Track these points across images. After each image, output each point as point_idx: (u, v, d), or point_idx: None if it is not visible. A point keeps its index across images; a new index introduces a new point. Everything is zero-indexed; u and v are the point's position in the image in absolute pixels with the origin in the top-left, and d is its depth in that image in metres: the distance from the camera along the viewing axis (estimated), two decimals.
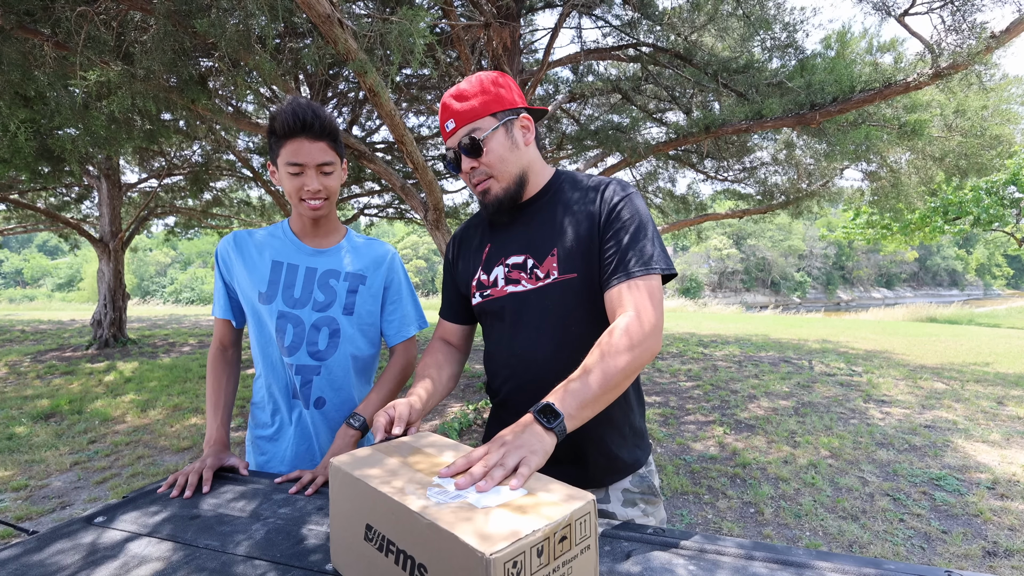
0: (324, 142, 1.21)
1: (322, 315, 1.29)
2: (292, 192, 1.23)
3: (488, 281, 1.13)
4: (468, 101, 1.04)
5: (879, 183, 6.27)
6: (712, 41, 5.22)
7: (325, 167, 1.22)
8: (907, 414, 4.52)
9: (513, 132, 1.06)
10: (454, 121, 1.04)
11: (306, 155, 1.18)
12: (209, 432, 1.26)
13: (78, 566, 0.77)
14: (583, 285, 1.03)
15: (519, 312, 1.08)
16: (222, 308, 1.34)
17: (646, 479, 1.14)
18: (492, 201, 1.07)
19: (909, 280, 57.37)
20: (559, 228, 1.06)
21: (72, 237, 9.73)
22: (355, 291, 1.32)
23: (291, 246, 1.32)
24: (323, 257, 1.32)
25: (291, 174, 1.20)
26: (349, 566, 0.72)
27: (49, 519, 2.83)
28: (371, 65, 2.70)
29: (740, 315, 17.86)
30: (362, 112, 7.69)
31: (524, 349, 1.08)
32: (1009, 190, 13.18)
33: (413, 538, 0.59)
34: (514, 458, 0.72)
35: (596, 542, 0.63)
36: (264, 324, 1.29)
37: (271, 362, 1.30)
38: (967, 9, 3.49)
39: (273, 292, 1.28)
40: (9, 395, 5.30)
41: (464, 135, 1.03)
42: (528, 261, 1.08)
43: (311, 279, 1.30)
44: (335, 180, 1.26)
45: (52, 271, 42.48)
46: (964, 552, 2.46)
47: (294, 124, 1.17)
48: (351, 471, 0.70)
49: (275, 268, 1.29)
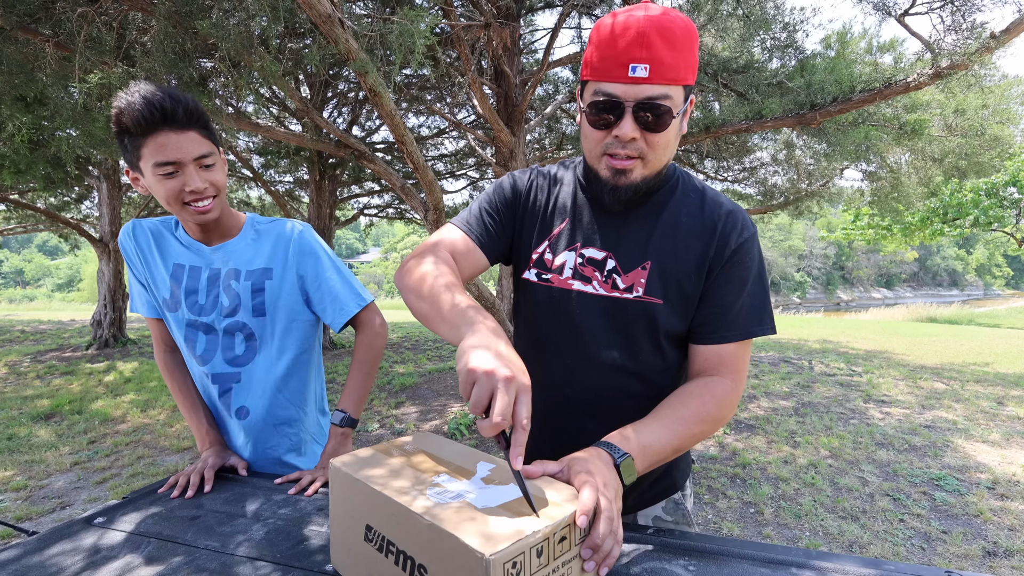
0: (193, 130, 1.00)
1: (232, 320, 1.13)
2: (170, 197, 1.01)
3: (552, 263, 0.93)
4: (676, 53, 0.75)
5: (879, 183, 6.27)
6: (712, 41, 5.22)
7: (204, 160, 1.01)
8: (907, 414, 4.52)
9: (684, 116, 0.82)
10: (649, 69, 0.74)
11: (177, 150, 0.98)
12: (199, 434, 1.18)
13: (78, 567, 0.77)
14: (663, 316, 0.87)
15: (579, 316, 0.90)
16: (146, 305, 1.18)
17: (681, 506, 1.02)
18: (628, 186, 0.83)
19: (909, 280, 57.36)
20: (662, 240, 0.88)
21: (72, 237, 9.74)
22: (261, 289, 1.14)
23: (189, 248, 1.14)
24: (222, 253, 1.14)
25: (163, 176, 0.99)
26: (349, 567, 0.71)
27: (49, 519, 2.83)
28: (372, 65, 2.70)
29: None
30: (362, 112, 7.70)
31: (577, 360, 0.92)
32: (1009, 191, 13.19)
33: (413, 539, 0.59)
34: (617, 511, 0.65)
35: None
36: (175, 330, 1.16)
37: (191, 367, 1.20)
38: (967, 9, 3.49)
39: (176, 299, 1.13)
40: (9, 395, 5.30)
41: (654, 97, 0.75)
42: (609, 262, 0.89)
43: (215, 282, 1.13)
44: (219, 173, 1.05)
45: (52, 271, 42.49)
46: (964, 552, 2.46)
47: (151, 115, 0.95)
48: (351, 472, 0.70)
49: (176, 272, 1.13)
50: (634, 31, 0.73)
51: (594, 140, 0.82)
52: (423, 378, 5.93)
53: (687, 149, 6.70)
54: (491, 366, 0.59)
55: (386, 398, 5.21)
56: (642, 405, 0.90)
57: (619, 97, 0.76)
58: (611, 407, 0.93)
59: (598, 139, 0.82)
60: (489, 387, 0.58)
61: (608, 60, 0.76)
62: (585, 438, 0.92)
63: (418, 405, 4.97)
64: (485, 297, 4.19)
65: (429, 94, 6.77)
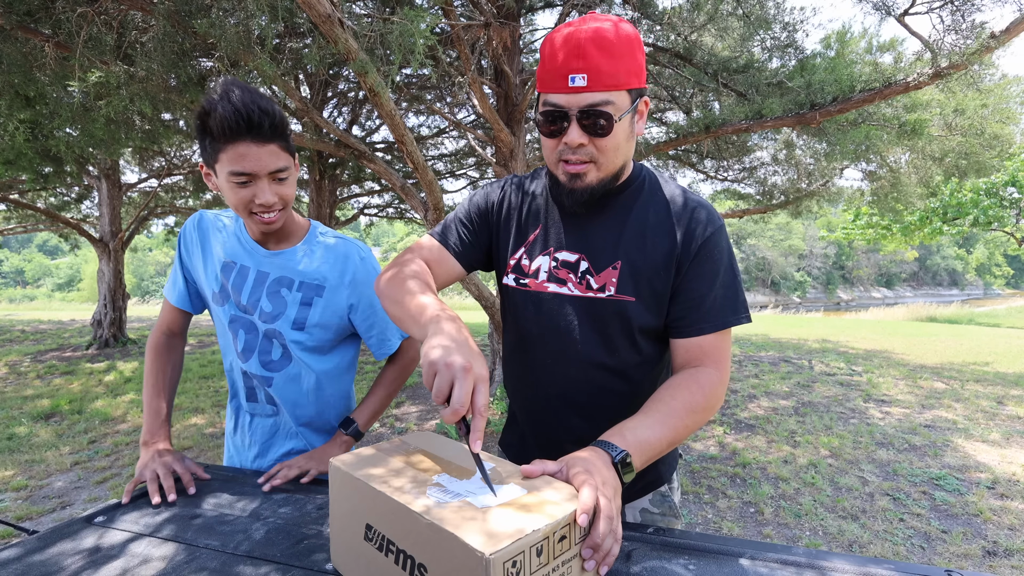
0: (275, 144, 0.99)
1: (270, 327, 1.14)
2: (239, 205, 1.02)
3: (529, 268, 0.97)
4: (612, 60, 0.79)
5: (879, 183, 6.28)
6: (712, 41, 5.23)
7: (279, 174, 1.01)
8: (907, 414, 4.52)
9: (634, 117, 0.86)
10: (587, 78, 0.78)
11: (255, 162, 0.97)
12: (154, 425, 1.12)
13: (78, 566, 0.77)
14: (636, 313, 0.90)
15: (558, 317, 0.94)
16: (178, 295, 1.19)
17: (668, 498, 1.05)
18: (583, 189, 0.87)
19: (909, 280, 57.37)
20: (631, 239, 0.91)
21: (72, 237, 9.73)
22: (309, 304, 1.14)
23: (245, 245, 1.16)
24: (276, 260, 1.14)
25: (237, 184, 0.99)
26: (349, 566, 0.72)
27: (49, 519, 2.84)
28: (372, 65, 2.70)
29: None
30: (362, 112, 7.70)
31: (556, 362, 0.96)
32: (1008, 190, 13.19)
33: (413, 538, 0.59)
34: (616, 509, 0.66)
35: None
36: (221, 322, 1.18)
37: (229, 363, 1.22)
38: (967, 9, 3.49)
39: (225, 295, 1.15)
40: (9, 395, 5.30)
41: (594, 104, 0.80)
42: (582, 263, 0.93)
43: (260, 285, 1.14)
44: (291, 187, 1.06)
45: (52, 271, 42.51)
46: (964, 552, 2.46)
47: (237, 125, 0.94)
48: (351, 471, 0.70)
49: (225, 269, 1.15)
50: (572, 44, 0.79)
51: (549, 148, 0.88)
52: (423, 378, 5.93)
53: (687, 149, 6.70)
54: (450, 359, 0.65)
55: None
56: (622, 401, 0.95)
57: (563, 106, 0.81)
58: (592, 404, 0.97)
59: (552, 147, 0.87)
60: (448, 377, 0.64)
61: (551, 72, 0.81)
62: (569, 434, 0.97)
63: (418, 405, 4.97)
64: (485, 297, 4.19)
65: (429, 94, 6.77)
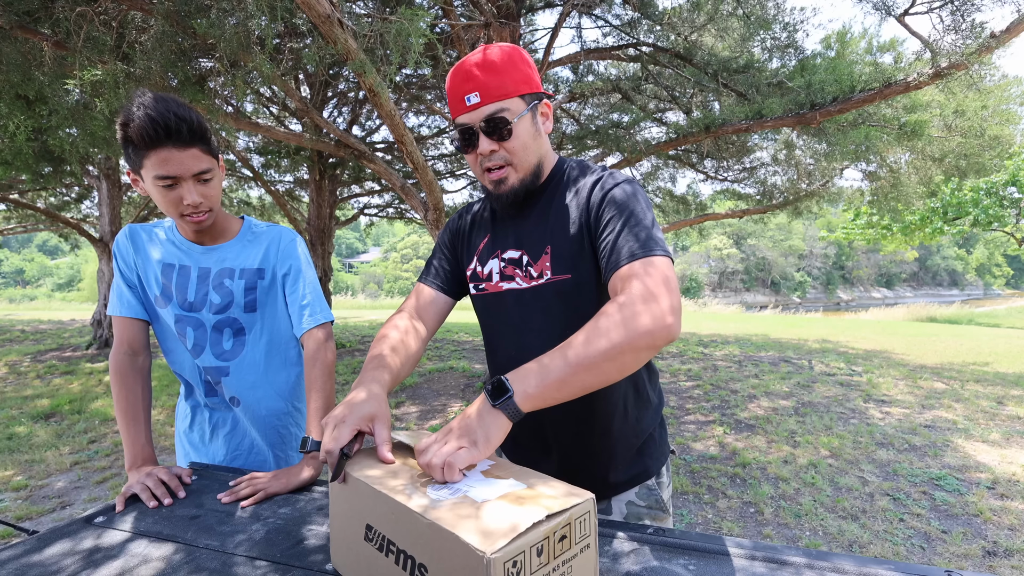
0: (196, 147, 1.04)
1: (222, 316, 1.19)
2: (168, 207, 1.08)
3: (483, 274, 1.06)
4: (497, 75, 0.92)
5: (879, 183, 6.28)
6: (712, 41, 5.23)
7: (203, 175, 1.07)
8: (907, 414, 4.52)
9: (537, 118, 0.97)
10: (479, 95, 0.91)
11: (178, 166, 1.03)
12: (135, 448, 1.12)
13: (78, 566, 0.77)
14: (575, 287, 0.96)
15: (512, 311, 1.03)
16: (127, 305, 1.19)
17: (655, 492, 1.06)
18: (508, 192, 0.98)
19: (909, 280, 57.36)
20: (553, 224, 0.99)
21: (72, 237, 9.74)
22: (253, 287, 1.21)
23: (179, 248, 1.20)
24: (215, 254, 1.20)
25: (163, 187, 1.04)
26: (349, 567, 0.71)
27: (49, 519, 2.83)
28: (371, 65, 2.70)
29: (740, 315, 17.86)
30: (362, 112, 7.70)
31: (519, 351, 1.01)
32: (1009, 190, 13.19)
33: (413, 538, 0.59)
34: (451, 448, 0.69)
35: (596, 541, 0.63)
36: (166, 325, 1.21)
37: (179, 362, 1.24)
38: (967, 9, 3.49)
39: (167, 295, 1.18)
40: (9, 395, 5.30)
41: (491, 113, 0.91)
42: (523, 257, 1.01)
43: (204, 280, 1.19)
44: (215, 187, 1.11)
45: (52, 271, 42.51)
46: (964, 552, 2.46)
47: (156, 132, 0.99)
48: (351, 471, 0.70)
49: (166, 271, 1.19)
50: (462, 72, 0.93)
51: (472, 164, 0.99)
52: (423, 378, 5.93)
53: (687, 149, 6.70)
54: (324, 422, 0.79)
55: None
56: None
57: (467, 123, 0.94)
58: None
59: (473, 161, 0.98)
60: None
61: (452, 99, 0.95)
62: (552, 424, 1.03)
63: (418, 405, 4.97)
64: None
65: (429, 94, 6.77)
